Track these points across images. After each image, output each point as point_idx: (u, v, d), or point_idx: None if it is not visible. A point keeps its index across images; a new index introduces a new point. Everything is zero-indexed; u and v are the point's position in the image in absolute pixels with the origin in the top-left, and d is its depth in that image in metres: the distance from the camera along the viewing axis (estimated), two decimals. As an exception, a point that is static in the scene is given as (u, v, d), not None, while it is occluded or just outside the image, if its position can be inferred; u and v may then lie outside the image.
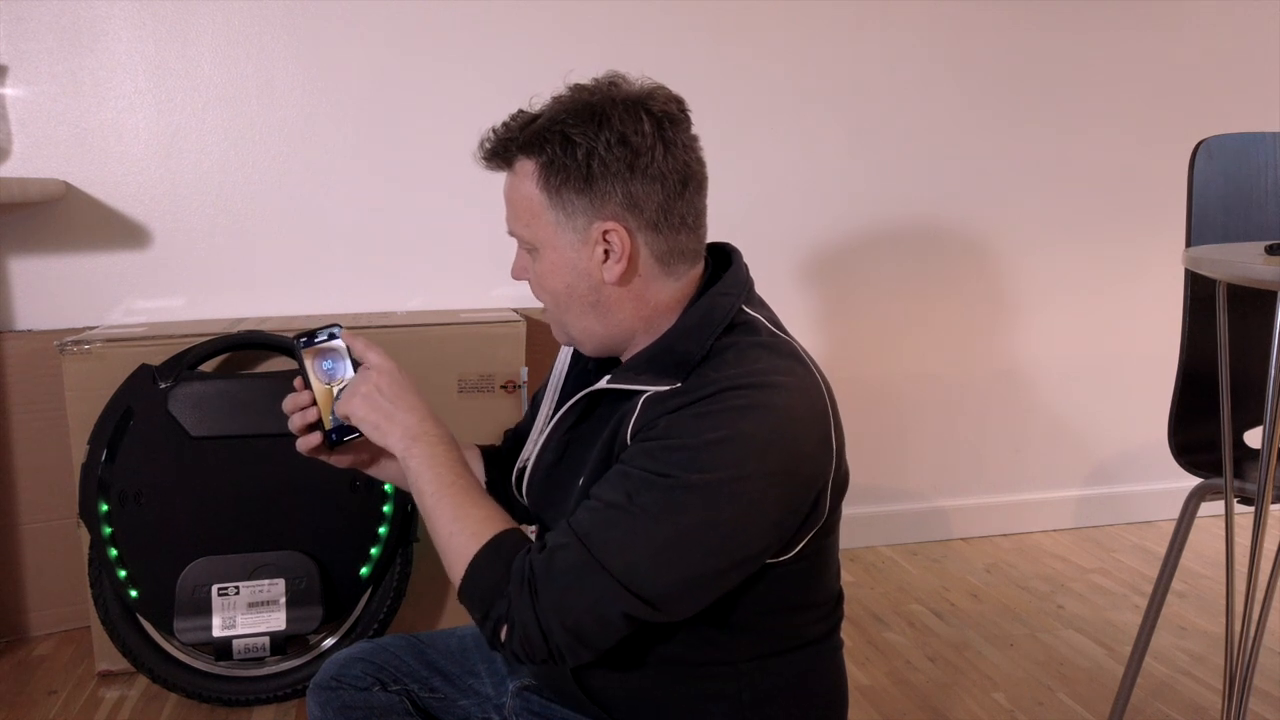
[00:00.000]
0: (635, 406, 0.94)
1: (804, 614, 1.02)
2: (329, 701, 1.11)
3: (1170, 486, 2.66)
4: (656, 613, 0.89)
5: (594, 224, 0.95)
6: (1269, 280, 1.23)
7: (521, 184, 0.97)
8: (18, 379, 1.99)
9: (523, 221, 0.98)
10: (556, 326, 1.04)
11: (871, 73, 2.39)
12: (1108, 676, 1.92)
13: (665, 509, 0.87)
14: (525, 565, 0.90)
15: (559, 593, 0.88)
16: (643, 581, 0.87)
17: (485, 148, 0.99)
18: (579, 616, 0.88)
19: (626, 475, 0.90)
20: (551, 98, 0.98)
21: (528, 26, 2.19)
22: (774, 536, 0.92)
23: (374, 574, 1.85)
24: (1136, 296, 2.64)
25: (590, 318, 1.00)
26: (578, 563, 0.88)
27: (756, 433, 0.88)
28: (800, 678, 1.03)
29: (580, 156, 0.93)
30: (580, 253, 0.97)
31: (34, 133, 2.03)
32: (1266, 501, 1.32)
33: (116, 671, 1.92)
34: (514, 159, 0.97)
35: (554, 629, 0.88)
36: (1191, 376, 1.56)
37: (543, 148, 0.95)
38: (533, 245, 0.99)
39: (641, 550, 0.87)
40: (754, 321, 0.98)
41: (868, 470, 2.56)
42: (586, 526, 0.89)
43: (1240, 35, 2.57)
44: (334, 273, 2.20)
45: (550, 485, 1.06)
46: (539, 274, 1.00)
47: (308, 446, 1.09)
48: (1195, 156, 1.57)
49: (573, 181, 0.94)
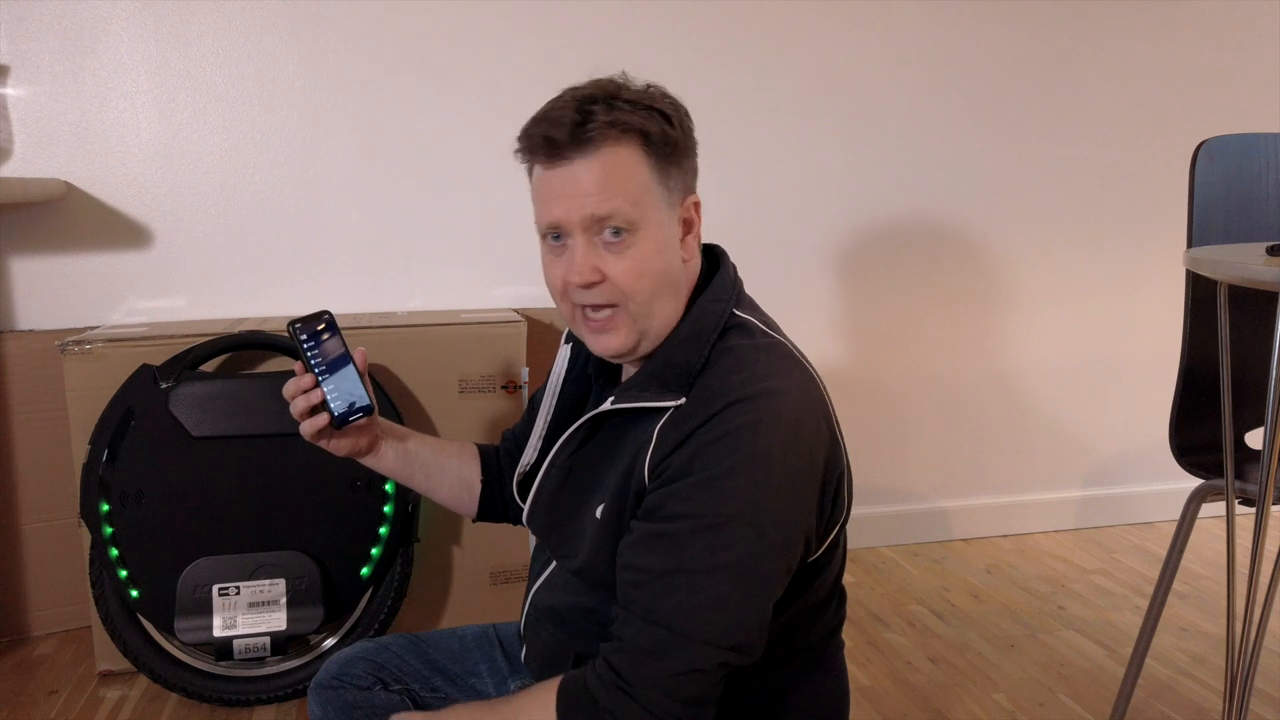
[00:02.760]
0: (651, 437, 0.92)
1: (810, 612, 1.02)
2: (330, 701, 1.11)
3: (1171, 487, 2.66)
4: (745, 656, 0.88)
5: (687, 197, 0.97)
6: (1270, 281, 1.23)
7: (626, 160, 0.92)
8: (19, 379, 1.99)
9: (630, 199, 0.92)
10: (628, 326, 0.96)
11: (872, 75, 2.39)
12: (1108, 677, 1.92)
13: (713, 553, 0.86)
14: (604, 673, 0.88)
15: (650, 677, 0.86)
16: (722, 633, 0.86)
17: (569, 128, 0.90)
18: (679, 687, 0.86)
19: (662, 536, 0.88)
20: (590, 83, 0.95)
21: (528, 27, 2.19)
22: (808, 535, 0.93)
23: (375, 574, 1.85)
24: (1137, 297, 2.64)
25: (671, 303, 0.97)
26: (655, 641, 0.87)
27: (771, 445, 0.88)
28: (802, 678, 1.03)
29: (677, 127, 0.95)
30: (673, 230, 0.96)
31: (35, 132, 2.03)
32: (1267, 503, 1.31)
33: (117, 671, 1.92)
34: (606, 138, 0.91)
35: (664, 707, 0.86)
36: (1192, 377, 1.56)
37: (645, 121, 0.92)
38: (636, 225, 0.92)
39: (709, 605, 0.86)
40: (747, 324, 0.98)
41: (868, 471, 2.56)
42: (648, 604, 0.88)
43: (1240, 36, 2.57)
44: (335, 273, 2.20)
45: (557, 511, 1.05)
46: (639, 257, 0.93)
47: (314, 429, 1.08)
48: (1196, 157, 1.57)
49: (674, 155, 0.95)
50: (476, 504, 1.23)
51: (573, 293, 0.96)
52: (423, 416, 1.96)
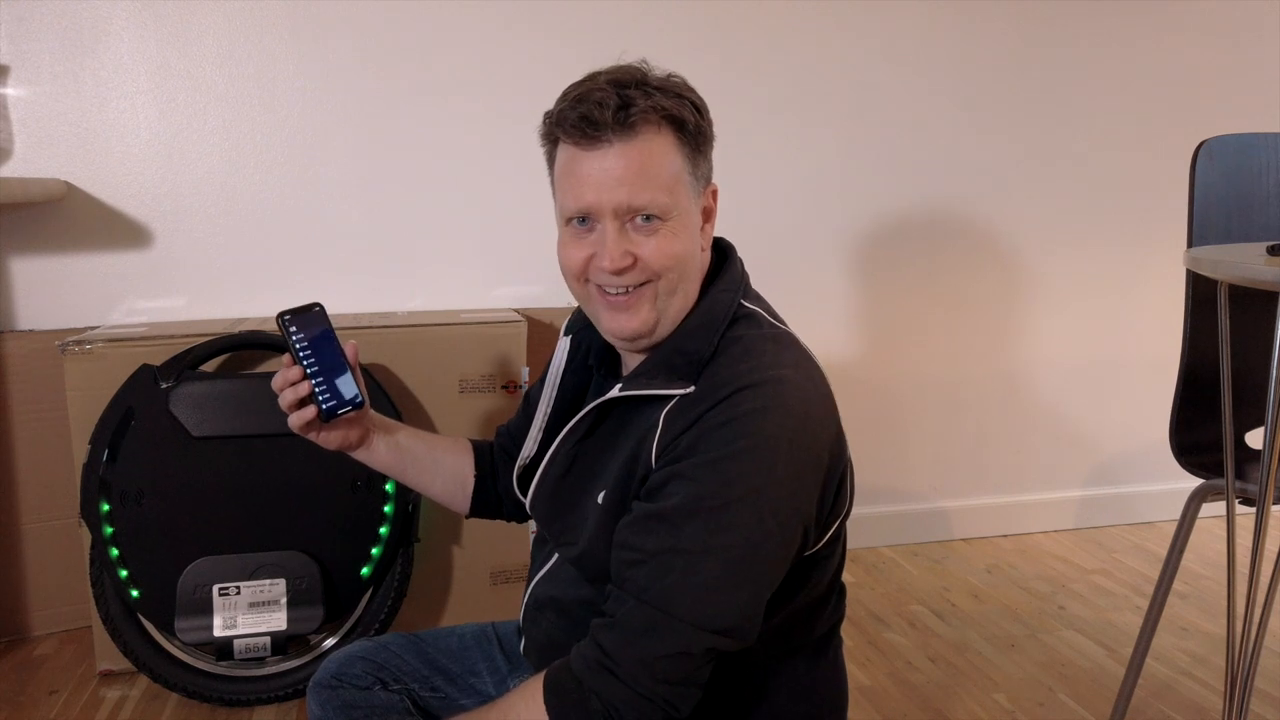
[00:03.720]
0: (657, 422, 0.93)
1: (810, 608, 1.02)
2: (330, 700, 1.11)
3: (1171, 487, 2.66)
4: (734, 641, 0.88)
5: (709, 186, 0.99)
6: (1270, 281, 1.23)
7: (661, 148, 0.93)
8: (19, 379, 1.99)
9: (665, 188, 0.93)
10: (648, 305, 0.96)
11: (872, 76, 2.39)
12: (1109, 677, 1.92)
13: (711, 535, 0.86)
14: (590, 653, 0.89)
15: (639, 656, 0.87)
16: (714, 616, 0.86)
17: (609, 112, 0.90)
18: (667, 670, 0.86)
19: (661, 516, 0.89)
20: (617, 68, 0.95)
21: (529, 26, 2.19)
22: (808, 526, 0.93)
23: (375, 574, 1.85)
24: (1138, 297, 2.64)
25: (689, 290, 0.98)
26: (646, 621, 0.87)
27: (779, 433, 0.88)
28: (802, 677, 1.03)
29: (705, 119, 0.97)
30: (697, 218, 0.98)
31: (35, 132, 2.03)
32: (1268, 502, 1.31)
33: (117, 671, 1.92)
34: (642, 125, 0.91)
35: (648, 687, 0.86)
36: (1193, 377, 1.56)
37: (679, 110, 0.93)
38: (669, 213, 0.93)
39: (703, 587, 0.86)
40: (755, 314, 0.99)
41: (869, 470, 2.56)
42: (642, 582, 0.88)
43: (1240, 35, 2.57)
44: (335, 273, 2.20)
45: (559, 498, 1.05)
46: (669, 238, 0.94)
47: (301, 421, 1.08)
48: (1196, 157, 1.57)
49: (702, 145, 0.97)
50: (469, 499, 1.23)
51: (596, 275, 0.96)
52: (422, 416, 1.96)
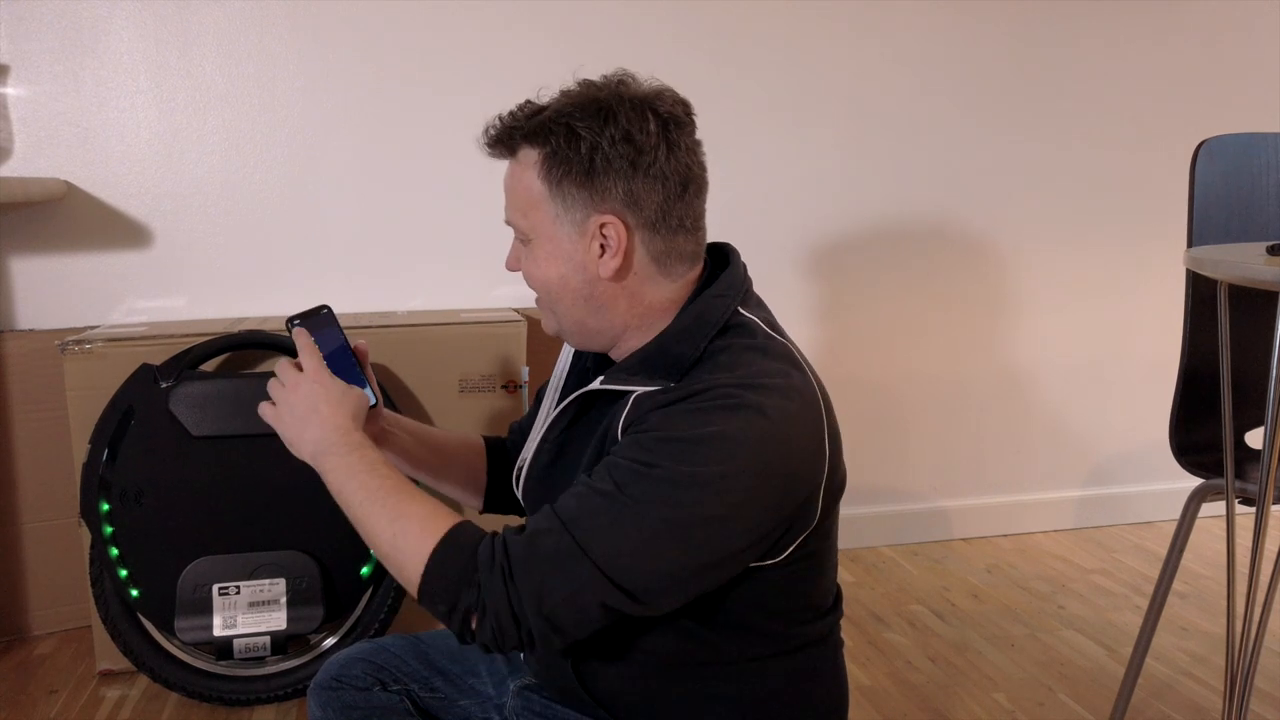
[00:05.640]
0: (627, 404, 0.94)
1: (801, 615, 1.02)
2: (330, 702, 1.11)
3: (1171, 487, 2.66)
4: (636, 605, 0.88)
5: (591, 217, 0.96)
6: (1270, 281, 1.23)
7: (523, 173, 0.97)
8: (19, 379, 1.99)
9: (521, 211, 0.98)
10: (546, 316, 1.04)
11: (872, 75, 2.39)
12: (1108, 677, 1.92)
13: (652, 500, 0.86)
14: (498, 550, 0.89)
15: (539, 578, 0.87)
16: (624, 572, 0.86)
17: (490, 134, 0.99)
18: (556, 603, 0.87)
19: (615, 465, 0.89)
20: (560, 91, 0.98)
21: (529, 26, 2.19)
22: (757, 537, 0.91)
23: (375, 574, 1.85)
24: (1138, 297, 2.64)
25: (581, 310, 1.00)
26: (560, 549, 0.87)
27: (747, 433, 0.88)
28: (801, 678, 1.03)
29: (584, 150, 0.93)
30: (577, 245, 0.97)
31: (35, 132, 2.03)
32: (1267, 502, 1.32)
33: (117, 671, 1.92)
34: (518, 148, 0.97)
35: (528, 614, 0.87)
36: (1193, 377, 1.56)
37: (547, 139, 0.95)
38: (528, 235, 0.99)
39: (626, 540, 0.86)
40: (749, 324, 0.98)
41: (868, 470, 2.56)
42: (573, 512, 0.88)
43: (1240, 35, 2.57)
44: (335, 273, 2.20)
45: (545, 486, 1.06)
46: (532, 263, 1.00)
47: None
48: (1196, 157, 1.57)
49: (574, 175, 0.94)
50: (483, 495, 1.24)
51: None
52: (423, 416, 1.96)
